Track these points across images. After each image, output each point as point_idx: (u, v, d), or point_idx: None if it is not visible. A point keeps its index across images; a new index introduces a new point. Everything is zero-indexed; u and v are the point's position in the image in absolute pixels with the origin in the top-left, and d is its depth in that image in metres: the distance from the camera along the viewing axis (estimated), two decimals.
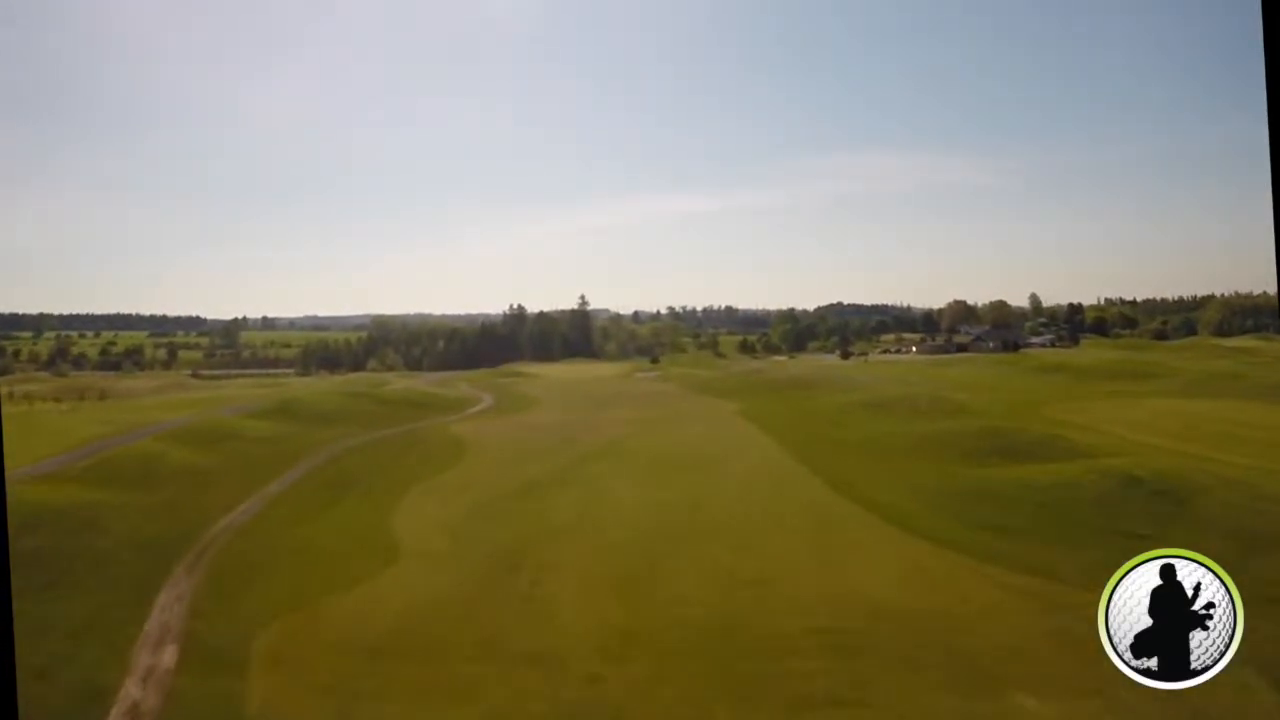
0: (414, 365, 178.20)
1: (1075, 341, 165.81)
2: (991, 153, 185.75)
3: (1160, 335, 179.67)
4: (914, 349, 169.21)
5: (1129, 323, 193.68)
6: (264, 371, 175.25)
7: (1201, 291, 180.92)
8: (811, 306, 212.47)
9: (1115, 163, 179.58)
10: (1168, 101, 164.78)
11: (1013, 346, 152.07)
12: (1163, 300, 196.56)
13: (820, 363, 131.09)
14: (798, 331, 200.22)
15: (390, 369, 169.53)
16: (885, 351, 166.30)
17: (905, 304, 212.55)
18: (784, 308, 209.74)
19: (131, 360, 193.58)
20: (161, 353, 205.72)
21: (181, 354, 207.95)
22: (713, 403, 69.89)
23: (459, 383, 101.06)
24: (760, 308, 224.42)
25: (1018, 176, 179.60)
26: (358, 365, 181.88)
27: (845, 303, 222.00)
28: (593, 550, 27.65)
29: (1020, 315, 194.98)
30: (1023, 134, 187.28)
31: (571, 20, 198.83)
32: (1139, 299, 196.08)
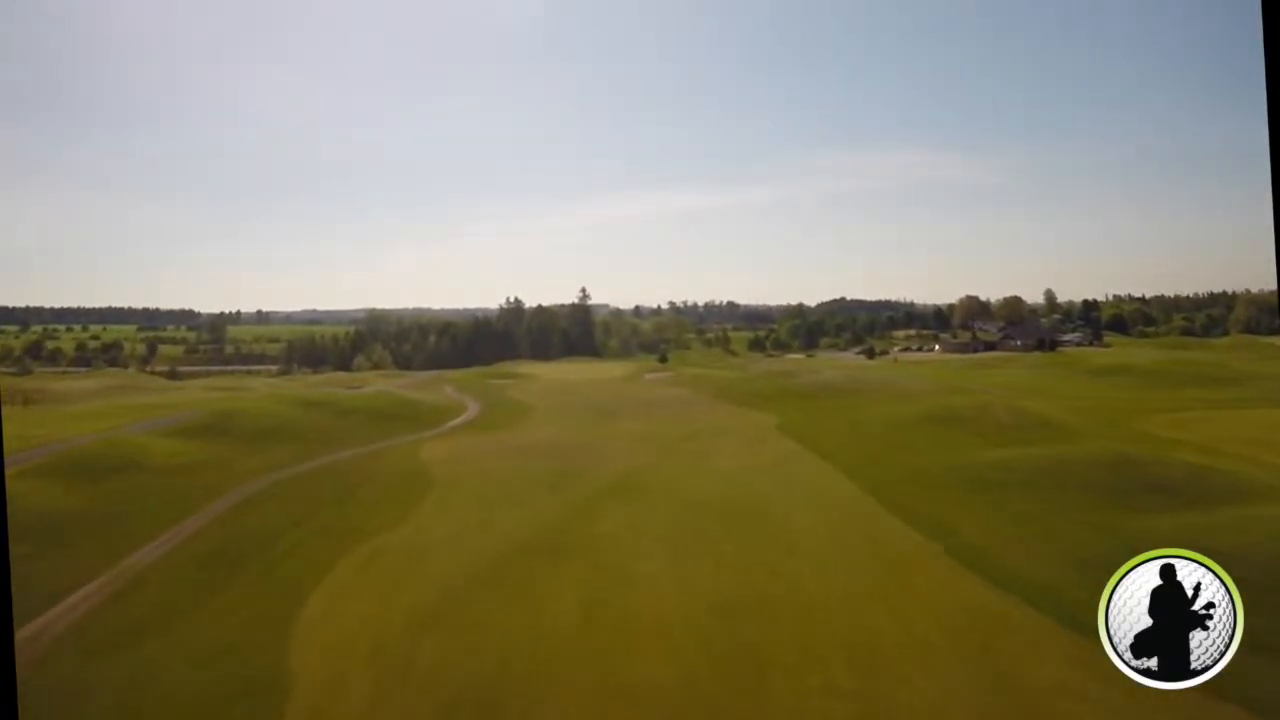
0: (403, 362, 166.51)
1: (1099, 339, 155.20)
2: (991, 151, 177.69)
3: (1187, 332, 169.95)
4: (937, 347, 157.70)
5: (1148, 320, 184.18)
6: (243, 369, 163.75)
7: (1202, 289, 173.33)
8: (814, 302, 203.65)
9: (1115, 162, 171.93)
10: (1168, 101, 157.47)
11: (1048, 345, 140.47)
12: (1175, 297, 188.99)
13: (845, 362, 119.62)
14: (807, 327, 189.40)
15: (377, 366, 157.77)
16: (906, 349, 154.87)
17: (909, 299, 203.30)
18: (786, 303, 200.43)
19: (107, 356, 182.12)
20: (141, 348, 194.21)
21: (164, 349, 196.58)
22: (742, 414, 57.96)
23: (444, 384, 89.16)
24: (762, 303, 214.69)
25: (1017, 175, 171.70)
26: (344, 362, 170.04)
27: (849, 298, 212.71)
28: (613, 712, 15.86)
29: (1032, 311, 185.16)
30: (1023, 133, 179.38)
31: (572, 20, 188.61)
32: (1147, 295, 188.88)
